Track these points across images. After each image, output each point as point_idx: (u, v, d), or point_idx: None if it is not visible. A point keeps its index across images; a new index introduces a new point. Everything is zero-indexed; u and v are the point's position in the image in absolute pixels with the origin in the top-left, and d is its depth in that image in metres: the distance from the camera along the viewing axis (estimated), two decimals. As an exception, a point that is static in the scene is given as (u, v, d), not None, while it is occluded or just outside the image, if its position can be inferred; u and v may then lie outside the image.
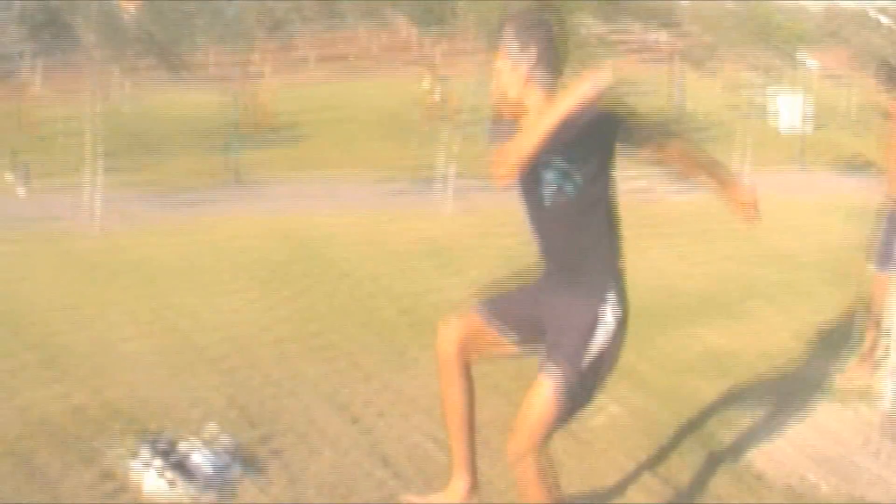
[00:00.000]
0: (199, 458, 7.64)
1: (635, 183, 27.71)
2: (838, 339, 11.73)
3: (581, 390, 5.70)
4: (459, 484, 6.86)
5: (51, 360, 12.06)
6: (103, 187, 24.75)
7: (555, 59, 5.99)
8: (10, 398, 10.13)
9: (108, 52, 27.66)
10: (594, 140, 5.75)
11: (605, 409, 9.04)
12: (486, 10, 31.99)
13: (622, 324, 5.75)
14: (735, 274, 15.92)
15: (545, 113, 5.43)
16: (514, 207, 20.71)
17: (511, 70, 5.94)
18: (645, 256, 18.12)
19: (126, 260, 19.56)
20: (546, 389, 5.77)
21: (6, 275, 18.25)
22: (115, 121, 33.63)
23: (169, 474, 7.38)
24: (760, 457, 7.89)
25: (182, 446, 7.84)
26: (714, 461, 7.85)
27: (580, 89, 5.21)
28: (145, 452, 7.69)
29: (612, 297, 5.70)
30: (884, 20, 36.58)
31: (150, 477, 7.44)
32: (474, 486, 6.89)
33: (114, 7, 26.54)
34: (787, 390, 9.57)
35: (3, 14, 51.34)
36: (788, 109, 40.60)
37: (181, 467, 7.47)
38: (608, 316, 5.68)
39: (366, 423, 9.20)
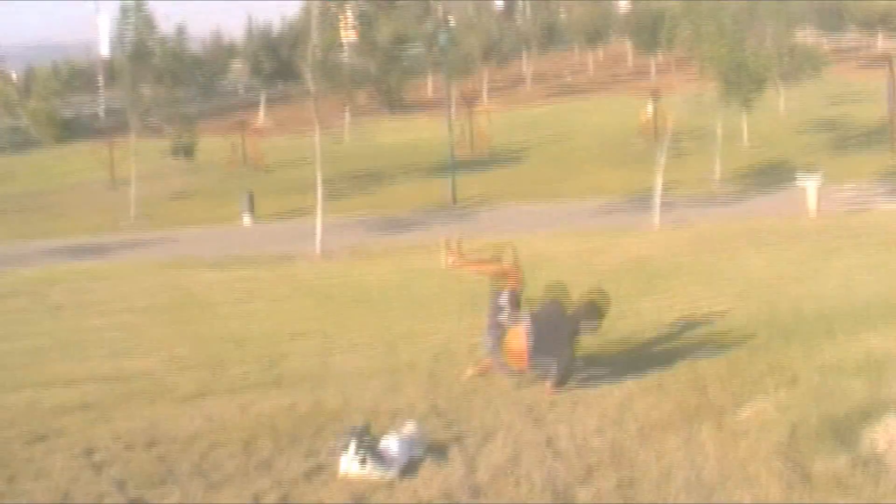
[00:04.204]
0: (388, 443, 8.90)
1: (845, 193, 27.86)
2: None
3: None
4: None
5: (273, 370, 13.73)
6: (326, 215, 26.72)
7: None
8: (236, 399, 11.79)
9: (328, 88, 29.82)
10: None
11: (755, 403, 9.81)
12: (701, 29, 32.61)
13: None
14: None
15: None
16: (724, 223, 21.49)
17: None
18: (836, 265, 18.52)
19: (347, 283, 21.30)
20: None
21: (236, 296, 20.30)
22: (337, 152, 35.88)
23: (361, 455, 8.67)
24: (891, 449, 8.43)
25: (377, 435, 9.10)
26: (845, 451, 8.46)
27: None
28: (347, 441, 8.96)
29: None
30: None
31: (346, 458, 8.75)
32: None
33: (333, 45, 28.56)
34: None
35: (230, 57, 54.80)
36: None
37: (372, 450, 8.74)
38: None
39: (544, 421, 10.22)
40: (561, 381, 11.33)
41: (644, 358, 12.46)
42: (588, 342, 13.61)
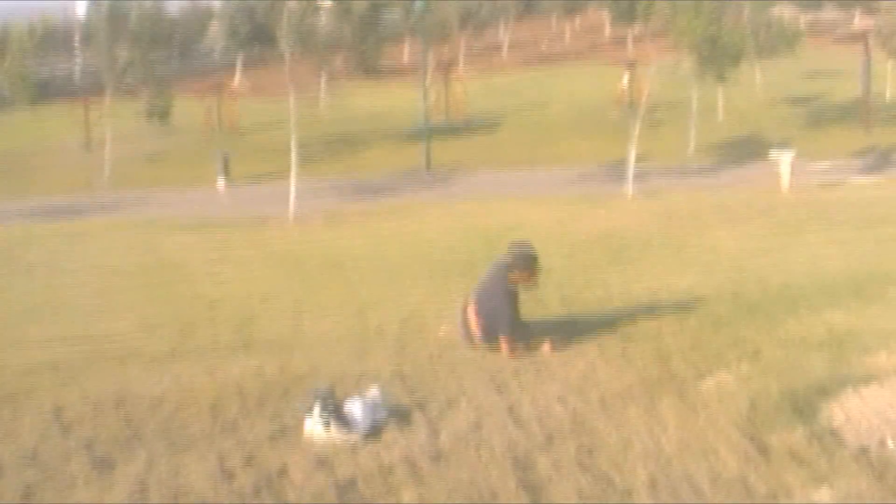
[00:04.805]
0: (351, 407, 9.02)
1: (819, 169, 28.08)
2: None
3: None
4: None
5: (243, 335, 13.83)
6: (300, 179, 26.73)
7: None
8: (205, 365, 11.87)
9: (304, 52, 29.74)
10: None
11: (717, 375, 9.98)
12: (677, 2, 32.63)
13: None
14: (887, 259, 16.23)
15: None
16: (695, 195, 21.77)
17: None
18: (805, 240, 18.75)
19: (318, 248, 21.37)
20: None
21: (207, 259, 20.35)
22: (312, 116, 35.84)
23: (325, 418, 8.79)
24: (847, 423, 8.62)
25: (341, 398, 9.22)
26: (802, 424, 8.63)
27: None
28: (311, 403, 9.07)
29: None
30: None
31: (309, 420, 8.88)
32: None
33: (309, 10, 28.46)
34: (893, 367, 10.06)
35: (207, 18, 54.54)
36: None
37: (336, 413, 8.86)
38: None
39: (507, 389, 10.35)
40: (513, 345, 11.65)
41: (608, 328, 12.59)
42: (554, 310, 13.82)
